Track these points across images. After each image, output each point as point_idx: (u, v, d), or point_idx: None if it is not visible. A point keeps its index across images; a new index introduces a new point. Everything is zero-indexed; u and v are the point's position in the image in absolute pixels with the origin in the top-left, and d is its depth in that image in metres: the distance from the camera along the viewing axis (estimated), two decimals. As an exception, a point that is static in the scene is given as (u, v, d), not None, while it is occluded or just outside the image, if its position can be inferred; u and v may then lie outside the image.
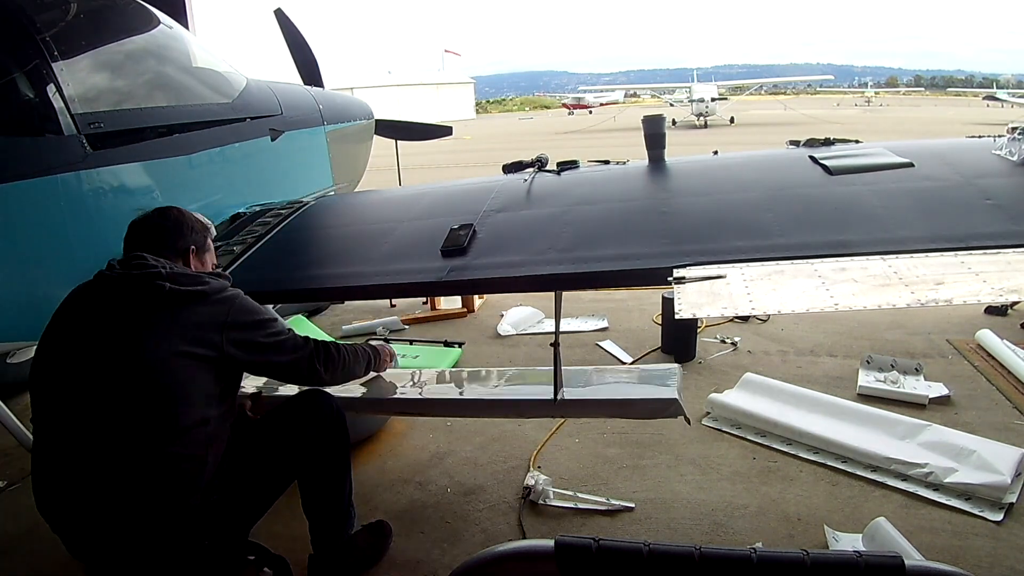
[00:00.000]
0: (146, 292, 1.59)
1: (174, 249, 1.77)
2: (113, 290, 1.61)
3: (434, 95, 60.74)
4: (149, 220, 1.81)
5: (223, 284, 1.72)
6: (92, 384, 1.53)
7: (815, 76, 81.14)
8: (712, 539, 2.19)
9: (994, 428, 2.74)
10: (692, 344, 3.70)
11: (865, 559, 0.81)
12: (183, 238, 1.81)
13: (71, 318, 1.64)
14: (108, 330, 1.57)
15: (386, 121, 4.92)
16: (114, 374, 1.53)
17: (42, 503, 1.58)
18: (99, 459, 1.50)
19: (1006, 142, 2.15)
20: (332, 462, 1.92)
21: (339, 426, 1.92)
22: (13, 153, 1.99)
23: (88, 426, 1.52)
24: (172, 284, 1.60)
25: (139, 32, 2.71)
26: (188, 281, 1.64)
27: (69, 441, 1.53)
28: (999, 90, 41.64)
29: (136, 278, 1.60)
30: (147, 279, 1.59)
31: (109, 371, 1.53)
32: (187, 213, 1.88)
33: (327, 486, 1.94)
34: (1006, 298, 1.42)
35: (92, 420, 1.52)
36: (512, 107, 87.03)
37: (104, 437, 1.50)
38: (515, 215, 2.30)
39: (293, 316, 4.19)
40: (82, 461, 1.51)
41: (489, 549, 0.96)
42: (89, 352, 1.56)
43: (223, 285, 1.72)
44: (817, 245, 1.76)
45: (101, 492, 1.49)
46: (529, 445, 2.82)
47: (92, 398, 1.53)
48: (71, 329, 1.62)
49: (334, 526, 1.98)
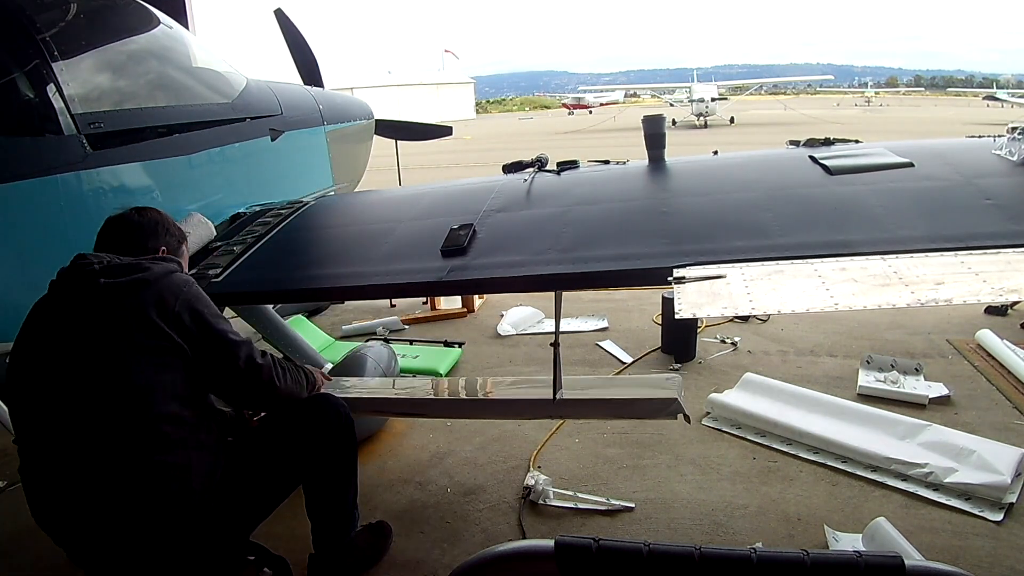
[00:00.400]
0: (84, 291, 1.53)
1: (143, 248, 1.71)
2: (59, 295, 1.57)
3: (434, 95, 60.73)
4: (124, 216, 1.76)
5: (168, 267, 1.63)
6: (61, 394, 1.50)
7: (815, 76, 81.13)
8: (712, 539, 2.19)
9: (994, 428, 2.74)
10: (692, 344, 3.70)
11: (865, 559, 0.81)
12: (155, 238, 1.75)
13: (33, 331, 1.59)
14: (62, 337, 1.53)
15: (386, 121, 4.92)
16: (77, 381, 1.49)
17: (39, 516, 1.56)
18: (85, 468, 1.48)
19: (1006, 142, 2.15)
20: (340, 466, 1.88)
21: (348, 430, 1.88)
22: (13, 153, 1.99)
23: (67, 435, 1.49)
24: (106, 278, 1.52)
25: (139, 32, 2.72)
26: (123, 271, 1.55)
27: (52, 452, 1.51)
28: (999, 90, 41.62)
29: (73, 278, 1.55)
30: (82, 278, 1.54)
31: (72, 378, 1.49)
32: (166, 216, 1.83)
33: (333, 489, 1.91)
34: (1006, 298, 1.43)
35: (69, 429, 1.49)
36: (512, 107, 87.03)
37: (84, 445, 1.48)
38: (515, 215, 2.30)
39: (293, 316, 4.19)
40: (69, 471, 1.49)
41: (489, 549, 0.96)
42: (52, 362, 1.53)
43: (168, 268, 1.62)
44: (817, 245, 1.77)
45: (92, 500, 1.48)
46: (529, 445, 2.82)
47: (63, 407, 1.50)
48: (34, 342, 1.57)
49: (338, 528, 1.95)
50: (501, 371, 3.68)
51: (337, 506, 1.93)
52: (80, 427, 1.48)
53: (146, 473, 1.48)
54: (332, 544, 1.96)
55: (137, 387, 1.48)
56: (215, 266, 2.29)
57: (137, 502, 1.47)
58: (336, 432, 1.84)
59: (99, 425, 1.48)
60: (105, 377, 1.48)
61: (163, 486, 1.49)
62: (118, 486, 1.47)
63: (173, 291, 1.57)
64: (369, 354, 3.01)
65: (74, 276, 1.55)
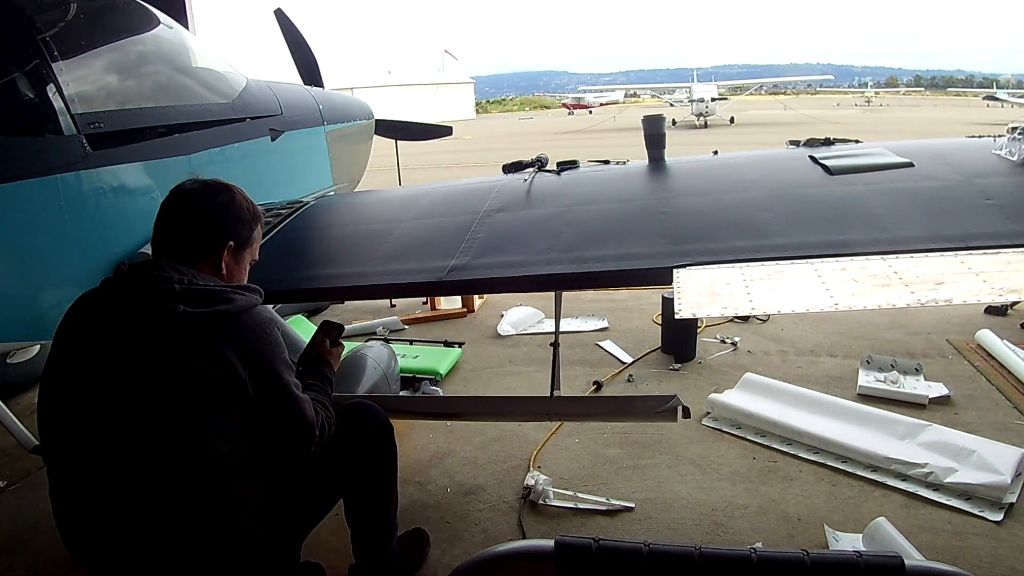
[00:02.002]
0: (158, 312, 1.39)
1: (210, 244, 1.54)
2: (123, 304, 1.42)
3: (434, 95, 60.73)
4: (192, 198, 1.56)
5: (251, 300, 1.49)
6: (107, 417, 1.38)
7: (815, 76, 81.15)
8: (712, 539, 2.19)
9: (994, 428, 2.74)
10: (692, 344, 3.70)
11: (865, 559, 0.81)
12: (224, 233, 1.56)
13: (80, 335, 1.45)
14: (120, 353, 1.40)
15: (386, 121, 4.91)
16: (135, 408, 1.37)
17: (73, 545, 1.45)
18: (138, 502, 1.37)
19: (1006, 142, 2.15)
20: (380, 476, 1.83)
21: (388, 439, 1.83)
22: (13, 153, 1.99)
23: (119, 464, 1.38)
24: (186, 306, 1.38)
25: (139, 32, 2.71)
26: (206, 300, 1.41)
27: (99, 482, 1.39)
28: (999, 90, 41.63)
29: (149, 296, 1.40)
30: (158, 297, 1.39)
31: (130, 405, 1.37)
32: (239, 197, 1.62)
33: (374, 499, 1.85)
34: (1006, 298, 1.42)
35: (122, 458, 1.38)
36: (512, 107, 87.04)
37: (138, 476, 1.37)
38: (515, 215, 2.30)
39: (293, 316, 4.19)
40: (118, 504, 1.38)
41: (489, 549, 0.96)
42: (103, 378, 1.39)
43: (251, 302, 1.49)
44: (817, 245, 1.76)
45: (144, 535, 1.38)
46: (529, 445, 2.82)
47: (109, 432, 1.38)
48: (81, 349, 1.44)
49: (379, 538, 1.90)
50: (501, 371, 3.68)
51: (378, 514, 1.87)
52: (135, 457, 1.37)
53: (203, 509, 1.39)
54: (373, 553, 1.90)
55: (201, 424, 1.38)
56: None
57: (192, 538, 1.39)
58: (375, 439, 1.79)
59: (156, 458, 1.37)
60: (168, 409, 1.37)
61: (218, 522, 1.42)
62: (173, 522, 1.38)
63: (256, 331, 1.45)
64: (369, 354, 3.00)
65: (150, 293, 1.40)
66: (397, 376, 3.09)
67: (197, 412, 1.38)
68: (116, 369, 1.39)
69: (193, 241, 1.54)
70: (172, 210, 1.57)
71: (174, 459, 1.37)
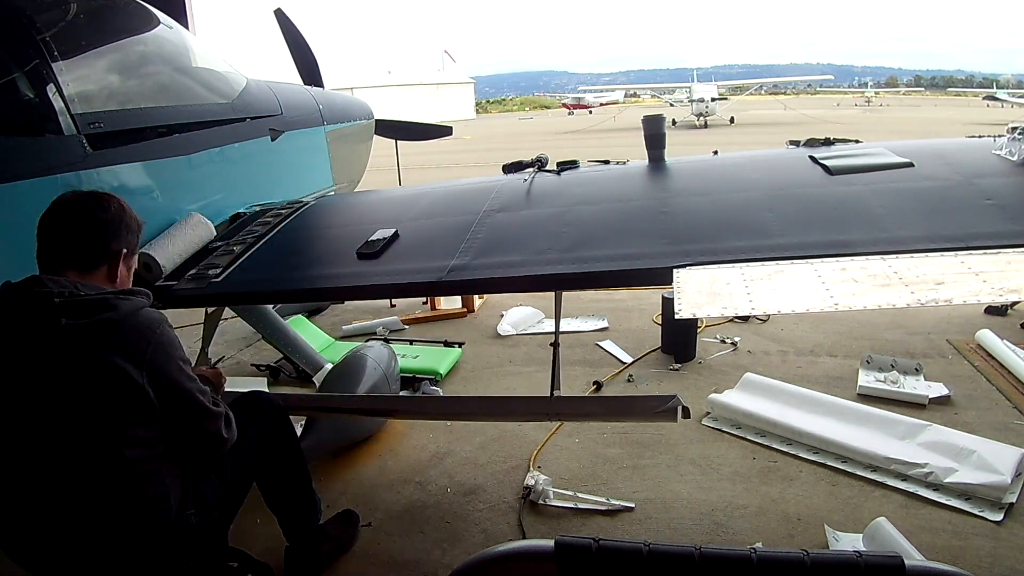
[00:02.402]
0: (41, 329, 1.35)
1: (105, 251, 1.51)
2: (4, 324, 1.39)
3: (434, 95, 60.72)
4: (84, 209, 1.52)
5: (137, 304, 1.45)
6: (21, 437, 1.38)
7: (815, 76, 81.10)
8: (712, 539, 2.19)
9: (994, 428, 2.74)
10: (692, 344, 3.70)
11: (865, 559, 0.81)
12: (118, 239, 1.53)
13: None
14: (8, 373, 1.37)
15: (386, 121, 4.91)
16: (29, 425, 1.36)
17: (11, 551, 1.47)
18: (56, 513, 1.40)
19: (1006, 142, 2.15)
20: (283, 456, 1.95)
21: (282, 421, 1.96)
22: (13, 153, 1.99)
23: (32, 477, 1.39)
24: (68, 318, 1.34)
25: (139, 32, 2.71)
26: (88, 310, 1.37)
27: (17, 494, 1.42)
28: (999, 90, 41.63)
29: (29, 311, 1.36)
30: (39, 312, 1.35)
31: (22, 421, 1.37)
32: (128, 208, 1.59)
33: (284, 480, 1.98)
34: (1006, 298, 1.42)
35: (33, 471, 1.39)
36: (512, 107, 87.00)
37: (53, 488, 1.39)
38: (515, 215, 2.30)
39: (293, 316, 4.19)
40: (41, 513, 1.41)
41: (489, 549, 0.96)
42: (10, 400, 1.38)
43: (137, 305, 1.45)
44: (817, 245, 1.77)
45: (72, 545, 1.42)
46: (529, 445, 2.82)
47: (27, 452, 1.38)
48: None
49: (301, 516, 2.03)
50: (501, 371, 3.69)
51: (293, 494, 2.00)
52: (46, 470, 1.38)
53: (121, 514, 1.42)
54: (301, 532, 2.04)
55: (103, 435, 1.37)
56: (215, 266, 2.29)
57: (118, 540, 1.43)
58: (269, 423, 1.89)
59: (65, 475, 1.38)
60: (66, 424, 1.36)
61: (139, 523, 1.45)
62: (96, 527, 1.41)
63: (144, 335, 1.41)
64: (369, 354, 3.01)
65: (30, 308, 1.36)
66: (397, 376, 3.10)
67: (96, 424, 1.36)
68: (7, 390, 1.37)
69: (89, 250, 1.50)
70: (64, 220, 1.51)
71: (82, 473, 1.38)
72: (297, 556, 2.06)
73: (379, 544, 2.27)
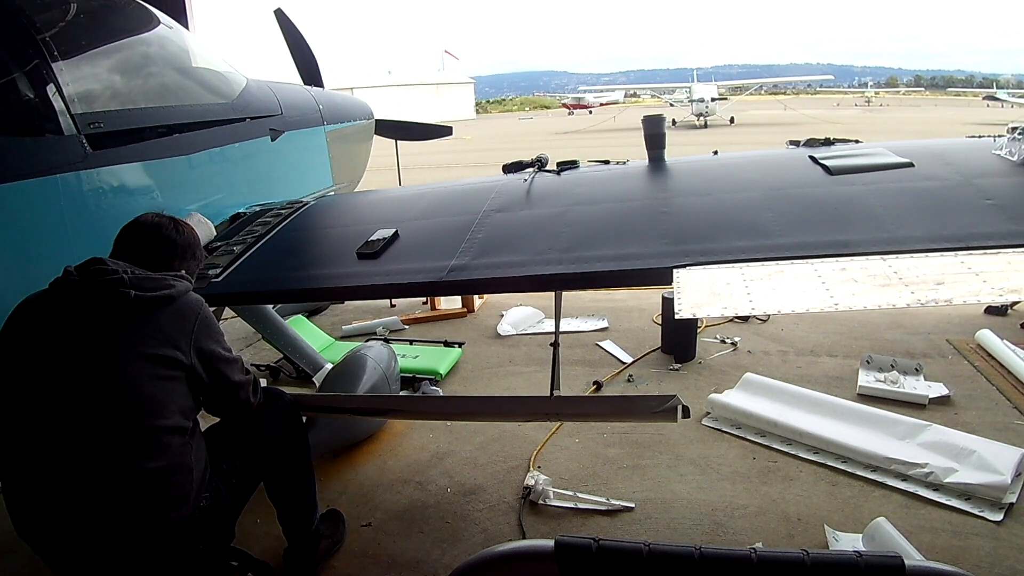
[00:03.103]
0: (110, 301, 1.51)
1: (169, 267, 1.71)
2: (74, 300, 1.52)
3: (434, 95, 60.72)
4: (162, 230, 1.73)
5: (186, 285, 1.66)
6: (62, 401, 1.46)
7: (815, 76, 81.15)
8: (712, 539, 2.19)
9: (994, 428, 2.74)
10: (692, 344, 3.70)
11: (865, 559, 0.81)
12: (184, 260, 1.77)
13: (27, 332, 1.54)
14: (73, 343, 1.49)
15: (386, 121, 4.92)
16: (84, 389, 1.46)
17: (21, 526, 1.53)
18: (79, 479, 1.45)
19: (1006, 142, 2.16)
20: (294, 449, 1.97)
21: (295, 416, 1.98)
22: (13, 153, 1.99)
23: (63, 445, 1.45)
24: (137, 292, 1.52)
25: (139, 32, 2.71)
26: (152, 285, 1.57)
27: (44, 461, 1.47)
28: (999, 90, 41.65)
29: (98, 285, 1.52)
30: (109, 286, 1.51)
31: (79, 387, 1.46)
32: (198, 238, 1.85)
33: (291, 474, 2.00)
34: (1006, 298, 1.42)
35: (67, 439, 1.45)
36: (512, 107, 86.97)
37: (82, 455, 1.45)
38: (515, 215, 2.30)
39: (293, 316, 4.19)
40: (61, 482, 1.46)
41: (489, 549, 0.96)
42: (55, 368, 1.48)
43: (186, 287, 1.66)
44: (817, 245, 1.77)
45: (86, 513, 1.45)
46: (529, 445, 2.82)
47: (64, 415, 1.46)
48: (30, 344, 1.52)
49: (302, 512, 2.05)
50: (501, 371, 3.68)
51: (298, 489, 2.03)
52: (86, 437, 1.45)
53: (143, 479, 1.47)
54: (301, 528, 2.07)
55: (149, 397, 1.50)
56: (215, 266, 2.29)
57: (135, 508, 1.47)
58: (283, 416, 1.93)
59: (108, 435, 1.46)
60: (117, 387, 1.47)
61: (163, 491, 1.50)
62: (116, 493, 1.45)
63: (194, 309, 1.62)
64: (369, 354, 3.00)
65: (98, 285, 1.52)
66: (397, 376, 3.10)
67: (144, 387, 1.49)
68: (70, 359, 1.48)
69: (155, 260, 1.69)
70: (142, 229, 1.73)
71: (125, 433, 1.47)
72: (296, 555, 2.07)
73: (379, 544, 2.27)
